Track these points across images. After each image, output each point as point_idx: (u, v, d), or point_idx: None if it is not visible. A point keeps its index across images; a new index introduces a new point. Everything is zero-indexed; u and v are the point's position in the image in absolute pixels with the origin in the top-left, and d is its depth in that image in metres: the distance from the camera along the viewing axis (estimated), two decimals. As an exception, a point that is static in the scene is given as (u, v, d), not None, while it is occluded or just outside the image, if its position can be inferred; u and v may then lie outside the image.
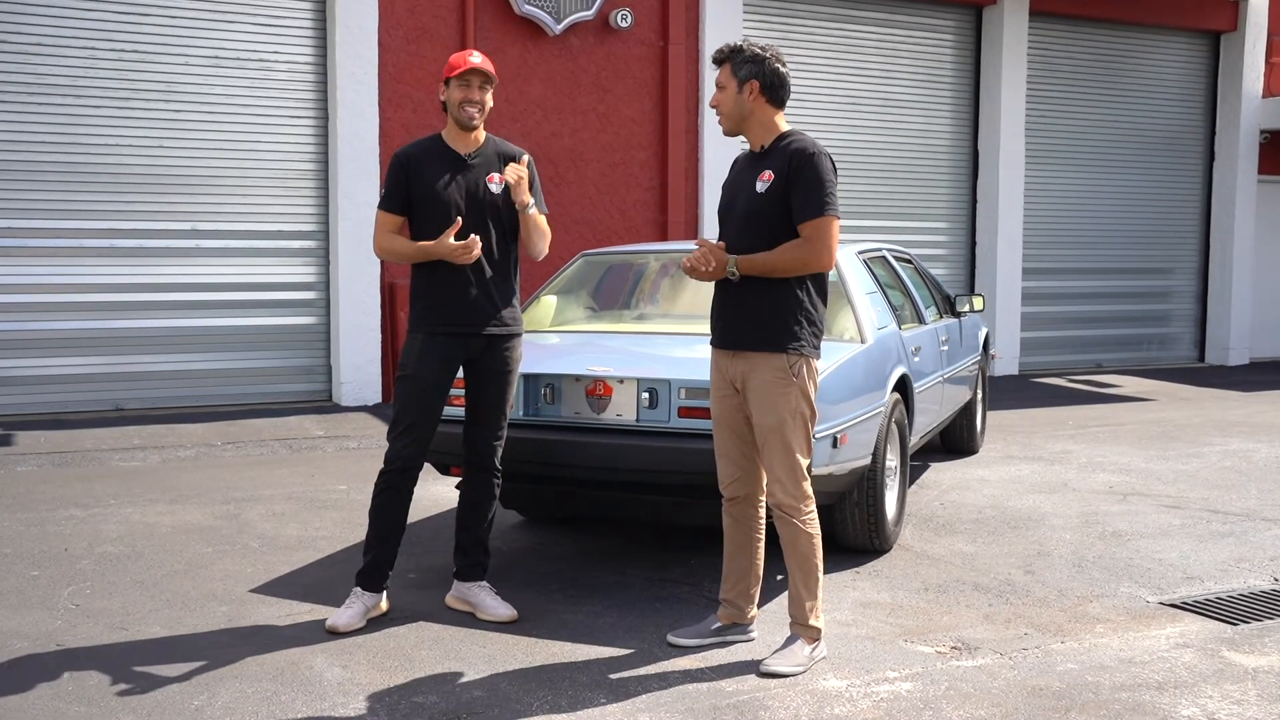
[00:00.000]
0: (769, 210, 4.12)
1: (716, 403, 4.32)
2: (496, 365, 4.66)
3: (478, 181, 4.62)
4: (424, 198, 4.57)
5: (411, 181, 4.58)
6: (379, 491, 4.60)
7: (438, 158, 4.63)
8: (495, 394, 4.67)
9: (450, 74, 4.62)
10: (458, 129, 4.65)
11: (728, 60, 4.21)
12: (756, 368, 4.13)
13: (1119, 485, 7.27)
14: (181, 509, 6.48)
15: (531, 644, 4.36)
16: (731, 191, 4.32)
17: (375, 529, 4.60)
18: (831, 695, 3.89)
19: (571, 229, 10.91)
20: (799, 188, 4.08)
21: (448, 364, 4.59)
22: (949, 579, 5.24)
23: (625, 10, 10.89)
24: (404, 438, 4.55)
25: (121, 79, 9.49)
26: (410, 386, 4.56)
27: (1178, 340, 15.02)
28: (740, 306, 4.16)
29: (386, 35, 10.09)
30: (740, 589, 4.38)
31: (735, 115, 4.22)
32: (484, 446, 4.71)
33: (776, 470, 4.13)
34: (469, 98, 4.60)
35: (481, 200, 4.61)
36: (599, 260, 6.70)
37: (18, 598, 4.84)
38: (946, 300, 7.70)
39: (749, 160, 4.30)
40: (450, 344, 4.57)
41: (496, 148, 4.73)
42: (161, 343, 9.72)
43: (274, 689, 3.90)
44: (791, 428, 4.11)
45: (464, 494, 4.80)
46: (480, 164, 4.66)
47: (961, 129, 13.34)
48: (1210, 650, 4.33)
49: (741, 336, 4.16)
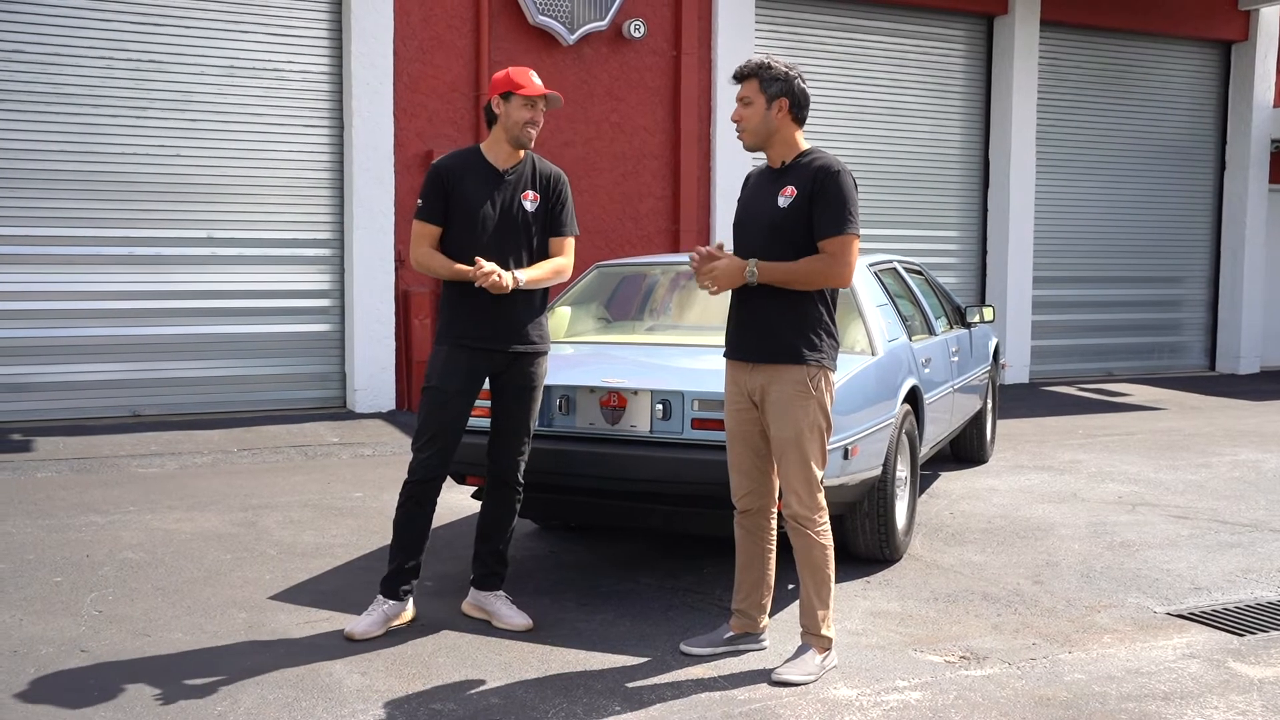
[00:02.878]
0: (792, 225, 4.15)
1: (731, 416, 4.36)
2: (522, 381, 4.70)
3: (513, 198, 4.65)
4: (460, 211, 4.60)
5: (450, 194, 4.61)
6: (403, 502, 4.65)
7: (476, 171, 4.65)
8: (520, 410, 4.72)
9: (517, 91, 4.58)
10: (507, 145, 4.65)
11: (755, 77, 4.21)
12: (776, 380, 4.18)
13: (1128, 495, 7.32)
14: (200, 515, 6.56)
15: (547, 652, 4.43)
16: (748, 207, 4.34)
17: (399, 539, 4.66)
18: (842, 704, 3.96)
19: (584, 238, 10.93)
20: (821, 204, 4.11)
21: (473, 377, 4.63)
22: (958, 589, 5.30)
23: (638, 20, 10.98)
24: (428, 449, 4.60)
25: (138, 88, 9.59)
26: (435, 398, 4.61)
27: (1188, 349, 15.05)
28: (760, 319, 4.21)
29: (402, 45, 10.18)
30: (752, 599, 4.44)
31: (761, 132, 4.24)
32: (507, 462, 4.76)
33: (793, 482, 4.19)
34: (534, 119, 4.62)
35: (514, 217, 4.64)
36: (613, 271, 6.76)
37: (42, 603, 4.93)
38: (957, 311, 7.76)
39: (767, 176, 4.33)
40: (476, 357, 4.61)
41: (534, 165, 4.74)
42: (178, 349, 9.82)
43: (294, 695, 3.98)
44: (809, 440, 4.17)
45: (486, 507, 4.86)
46: (515, 180, 4.68)
47: (972, 138, 13.39)
48: (1217, 661, 4.39)
49: (761, 349, 4.20)
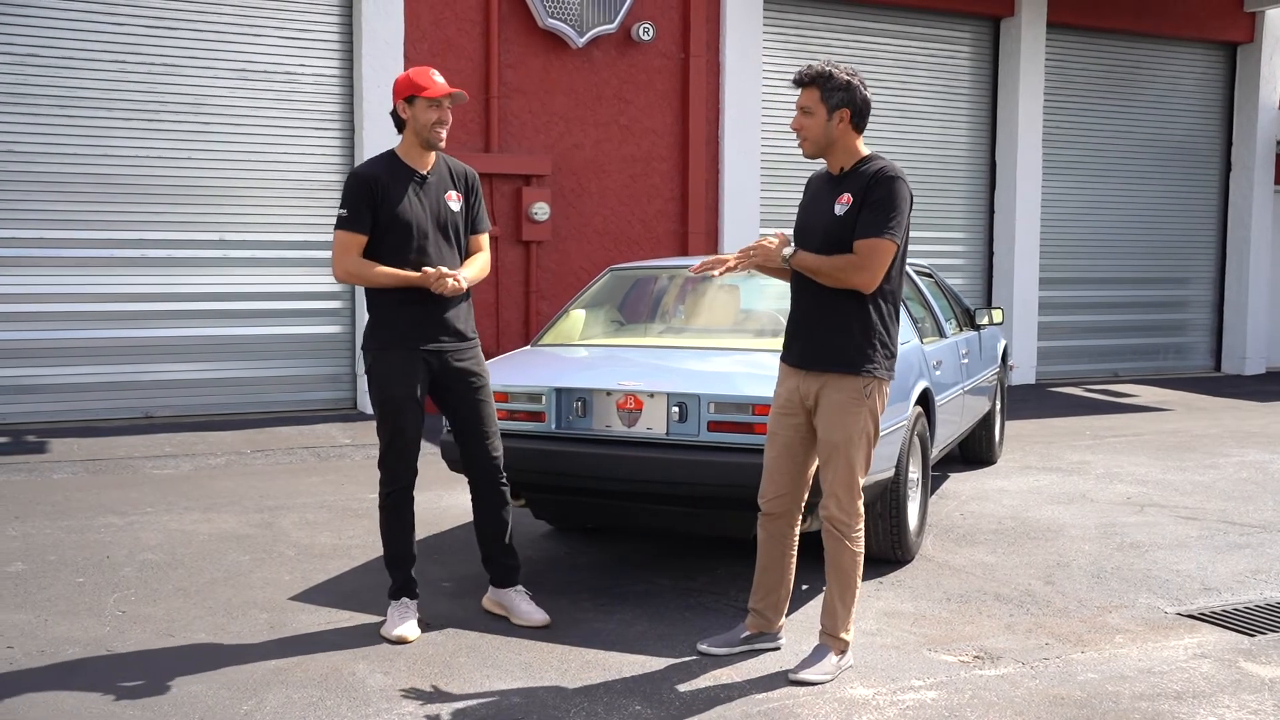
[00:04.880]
0: (848, 233, 4.13)
1: (776, 419, 4.37)
2: (463, 377, 4.71)
3: (438, 200, 4.67)
4: (389, 218, 4.58)
5: (379, 202, 4.57)
6: (385, 513, 4.71)
7: (398, 176, 4.63)
8: (473, 406, 4.73)
9: (419, 94, 4.57)
10: (419, 148, 4.65)
11: (815, 85, 4.17)
12: (830, 387, 4.19)
13: (1136, 496, 7.37)
14: (217, 517, 6.62)
15: (566, 651, 4.48)
16: (808, 213, 4.34)
17: (392, 547, 4.74)
18: (859, 703, 4.01)
19: (593, 239, 11.06)
20: (868, 206, 4.10)
21: (418, 379, 4.62)
22: (970, 589, 5.35)
23: (647, 23, 11.03)
24: (391, 458, 4.66)
25: (150, 92, 9.66)
26: (387, 407, 4.63)
27: (1194, 349, 15.09)
28: (818, 326, 4.22)
29: (412, 48, 10.24)
30: (770, 601, 4.49)
31: (822, 141, 4.21)
32: (483, 459, 4.78)
33: (835, 486, 4.22)
34: (442, 119, 4.61)
35: (442, 219, 4.67)
36: (627, 274, 6.82)
37: (66, 604, 4.99)
38: (966, 313, 7.81)
39: (827, 182, 4.30)
40: (415, 359, 4.61)
41: (448, 165, 4.77)
42: (190, 351, 9.89)
43: (319, 695, 4.03)
44: (856, 446, 4.20)
45: (478, 508, 4.89)
46: (436, 181, 4.70)
47: (979, 140, 13.44)
48: (1228, 661, 4.44)
49: (819, 357, 4.22)
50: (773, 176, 11.88)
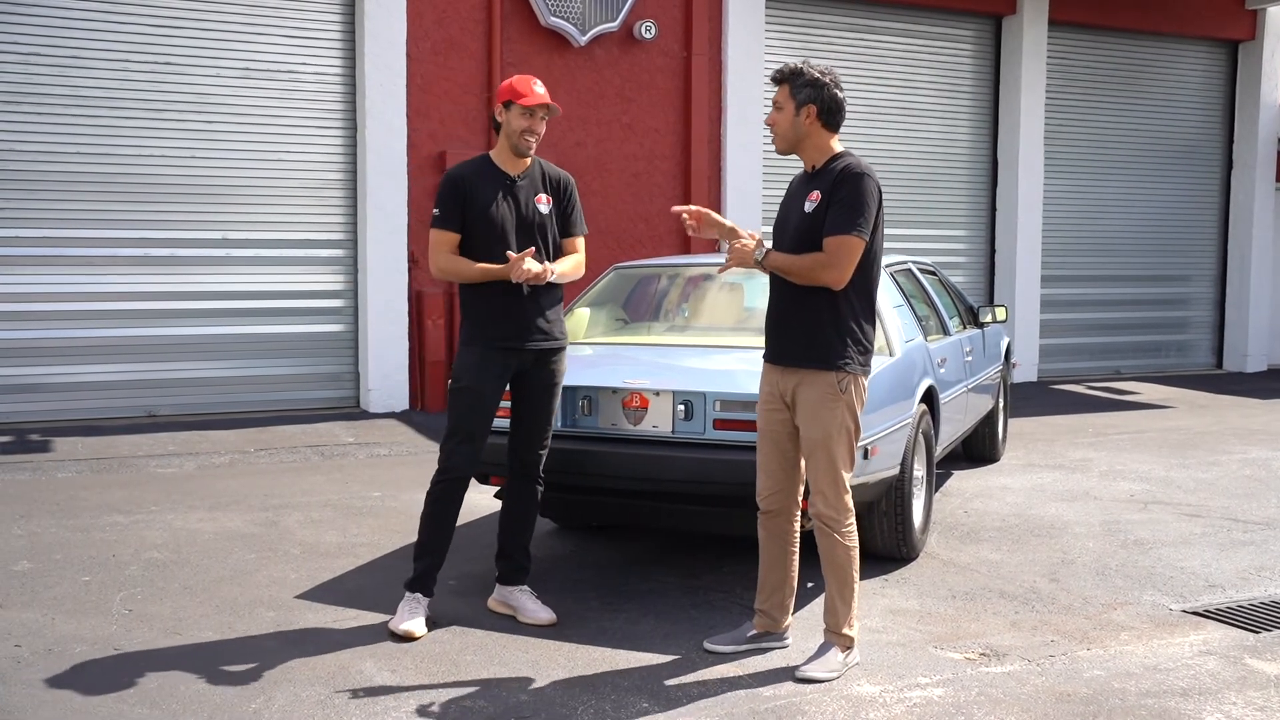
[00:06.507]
0: (816, 231, 4.20)
1: (763, 415, 4.42)
2: (544, 378, 4.82)
3: (527, 202, 4.79)
4: (477, 218, 4.71)
5: (467, 202, 4.72)
6: (434, 500, 4.73)
7: (488, 179, 4.77)
8: (543, 405, 4.84)
9: (516, 100, 4.70)
10: (509, 152, 4.79)
11: (787, 81, 4.28)
12: (806, 383, 4.25)
13: (1140, 493, 7.37)
14: (222, 515, 6.63)
15: (573, 650, 4.49)
16: (784, 212, 4.43)
17: (431, 536, 4.74)
18: (865, 700, 4.02)
19: (596, 238, 11.01)
20: (835, 204, 4.17)
21: (503, 377, 4.75)
22: (975, 586, 5.36)
23: (649, 22, 11.04)
24: (462, 447, 4.70)
25: (154, 91, 9.66)
26: (466, 398, 4.70)
27: (1196, 347, 15.10)
28: (791, 322, 4.28)
29: (415, 47, 10.24)
30: (775, 600, 4.49)
31: (790, 137, 4.30)
32: (529, 456, 4.87)
33: (820, 483, 4.25)
34: (532, 128, 4.73)
35: (530, 220, 4.78)
36: (631, 273, 6.83)
37: (73, 603, 5.00)
38: (970, 311, 7.81)
39: (801, 181, 4.40)
40: (507, 356, 4.73)
41: (542, 169, 4.89)
42: (193, 350, 9.89)
43: (327, 693, 4.04)
44: (837, 442, 4.23)
45: (508, 503, 4.95)
46: (527, 185, 4.81)
47: (981, 137, 13.45)
48: (1233, 658, 4.44)
49: (793, 353, 4.28)
50: (775, 175, 11.88)
